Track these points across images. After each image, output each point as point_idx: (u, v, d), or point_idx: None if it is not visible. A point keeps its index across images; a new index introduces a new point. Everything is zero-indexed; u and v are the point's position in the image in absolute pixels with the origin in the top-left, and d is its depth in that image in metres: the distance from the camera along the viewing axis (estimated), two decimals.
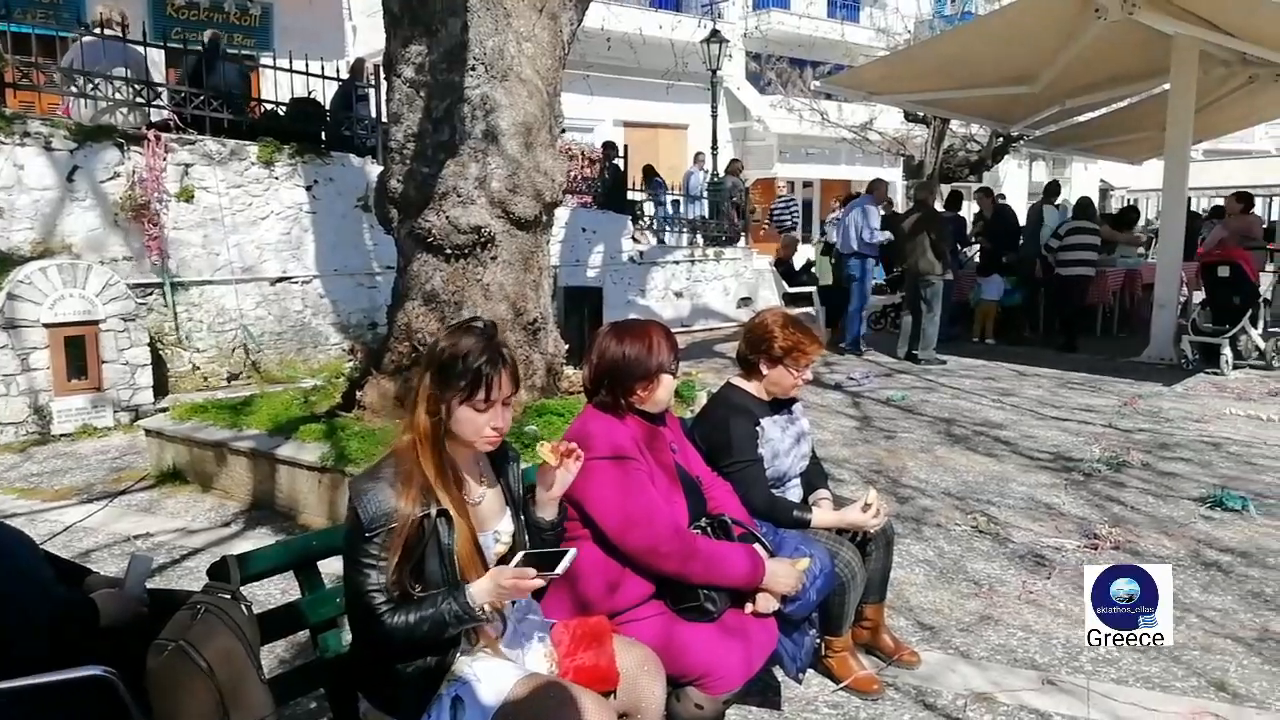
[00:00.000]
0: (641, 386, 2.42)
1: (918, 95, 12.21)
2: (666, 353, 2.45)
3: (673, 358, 2.47)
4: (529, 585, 1.92)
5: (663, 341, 2.46)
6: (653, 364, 2.42)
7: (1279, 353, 9.22)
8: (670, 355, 2.46)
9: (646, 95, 19.41)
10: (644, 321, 2.57)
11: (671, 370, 2.47)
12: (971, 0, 20.24)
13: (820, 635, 2.94)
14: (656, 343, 2.44)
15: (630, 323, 2.57)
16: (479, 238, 4.86)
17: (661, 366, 2.43)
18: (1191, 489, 5.18)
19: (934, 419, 7.01)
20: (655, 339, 2.45)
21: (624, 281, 11.90)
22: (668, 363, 2.45)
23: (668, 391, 2.48)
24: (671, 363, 2.46)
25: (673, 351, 2.48)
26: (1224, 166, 23.72)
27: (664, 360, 2.44)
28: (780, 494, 3.01)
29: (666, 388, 2.47)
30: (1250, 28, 9.10)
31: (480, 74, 4.88)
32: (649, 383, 2.43)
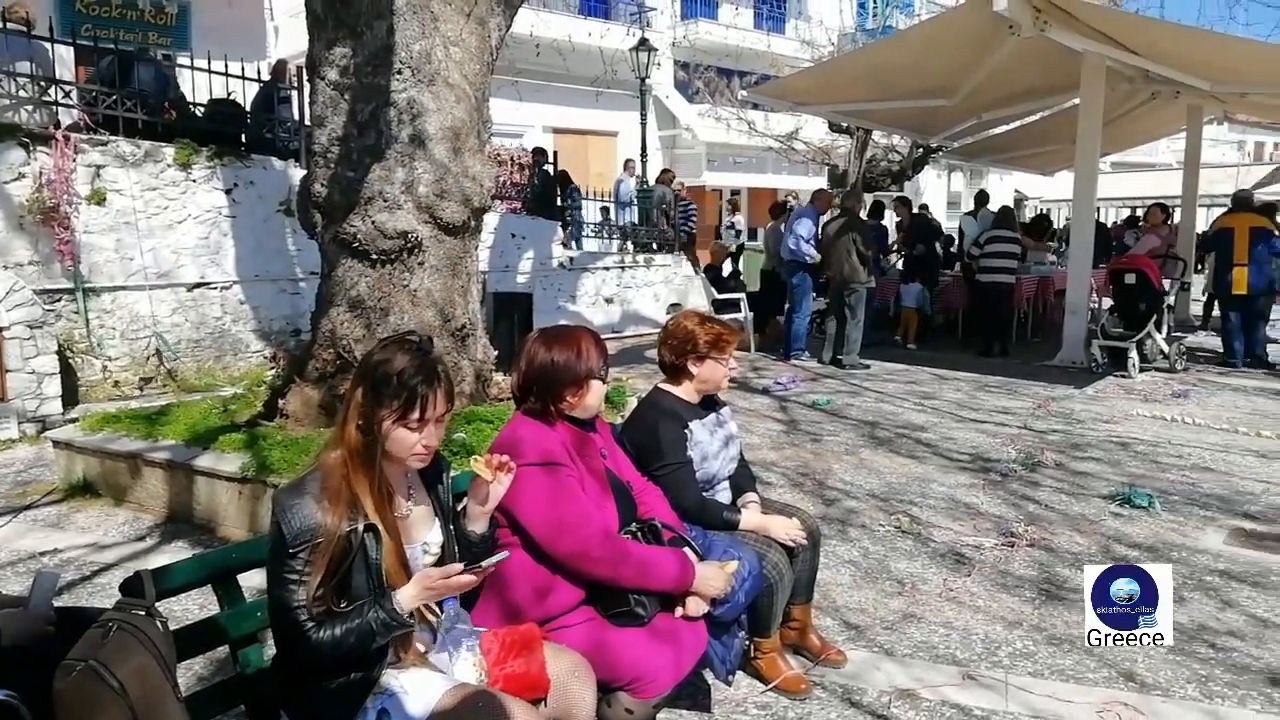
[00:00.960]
0: (571, 393, 2.42)
1: (841, 106, 12.48)
2: (596, 359, 2.46)
3: (602, 364, 2.48)
4: (457, 583, 1.90)
5: (592, 348, 2.46)
6: (582, 370, 2.42)
7: (1182, 356, 9.67)
8: (600, 361, 2.47)
9: (576, 102, 19.44)
10: (573, 328, 2.58)
11: (601, 376, 2.47)
12: (893, 14, 20.78)
13: (749, 637, 2.98)
14: (586, 349, 2.44)
15: (560, 329, 2.57)
16: (406, 243, 4.80)
17: (591, 372, 2.44)
18: (1102, 487, 5.39)
19: (858, 422, 7.16)
20: (585, 345, 2.45)
21: (554, 287, 11.87)
22: (597, 369, 2.45)
23: (597, 397, 2.49)
24: (601, 369, 2.47)
25: (602, 357, 2.49)
26: (1130, 179, 24.81)
27: (594, 366, 2.44)
28: (710, 496, 3.05)
29: (596, 394, 2.47)
30: (1151, 47, 9.55)
31: (407, 78, 4.82)
32: (579, 389, 2.43)
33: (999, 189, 31.44)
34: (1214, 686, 3.13)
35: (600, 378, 2.47)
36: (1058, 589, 3.95)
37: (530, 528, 2.29)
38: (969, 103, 11.69)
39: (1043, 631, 3.54)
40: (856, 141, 15.42)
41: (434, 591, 1.91)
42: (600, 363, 2.46)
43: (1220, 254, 9.85)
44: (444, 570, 1.91)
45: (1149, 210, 11.91)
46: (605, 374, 2.49)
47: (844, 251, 9.57)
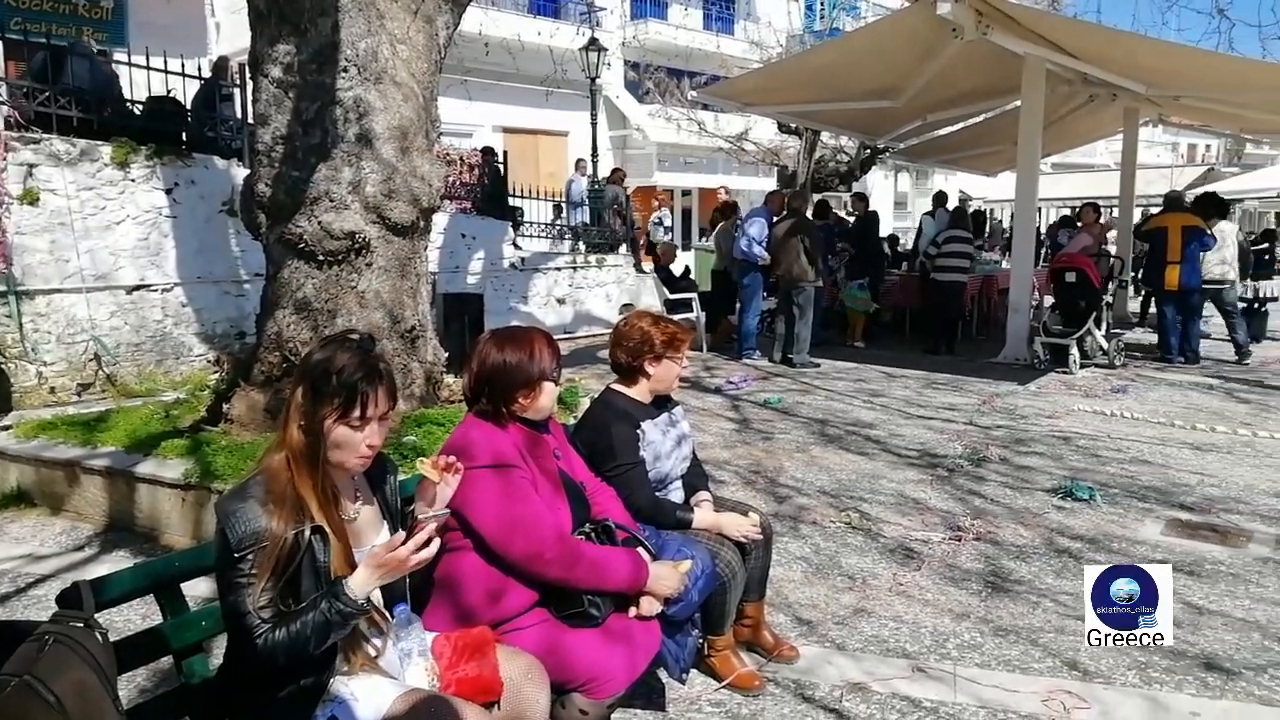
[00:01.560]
0: (523, 394, 2.41)
1: (789, 107, 12.61)
2: (549, 360, 2.45)
3: (555, 365, 2.47)
4: (409, 557, 1.87)
5: (544, 349, 2.45)
6: (534, 371, 2.41)
7: (1120, 352, 9.94)
8: (552, 362, 2.46)
9: (526, 101, 19.34)
10: (525, 329, 2.56)
11: (554, 378, 2.46)
12: (839, 17, 21.04)
13: (703, 635, 3.00)
14: (538, 350, 2.43)
15: (512, 330, 2.55)
16: (353, 244, 4.73)
17: (543, 374, 2.43)
18: (1045, 481, 5.52)
19: (809, 420, 7.23)
20: (537, 346, 2.44)
21: (505, 288, 11.80)
22: (550, 370, 2.45)
23: (550, 399, 2.48)
24: (554, 370, 2.46)
25: (555, 359, 2.48)
26: (1070, 179, 25.41)
27: (546, 368, 2.43)
28: (663, 496, 3.05)
29: (549, 395, 2.46)
30: (1089, 51, 9.81)
31: (353, 76, 4.75)
32: (531, 390, 2.42)
33: (944, 189, 32.04)
34: (1153, 673, 3.22)
35: (553, 379, 2.46)
36: (1003, 581, 4.04)
37: (483, 530, 2.27)
38: (914, 104, 11.89)
39: (989, 623, 3.62)
40: (805, 142, 15.60)
41: (385, 568, 1.87)
42: (552, 364, 2.45)
43: (1155, 252, 10.14)
44: (389, 543, 1.88)
45: (1082, 209, 12.23)
46: (558, 376, 2.48)
47: (793, 252, 9.66)
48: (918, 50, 9.95)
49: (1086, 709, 2.97)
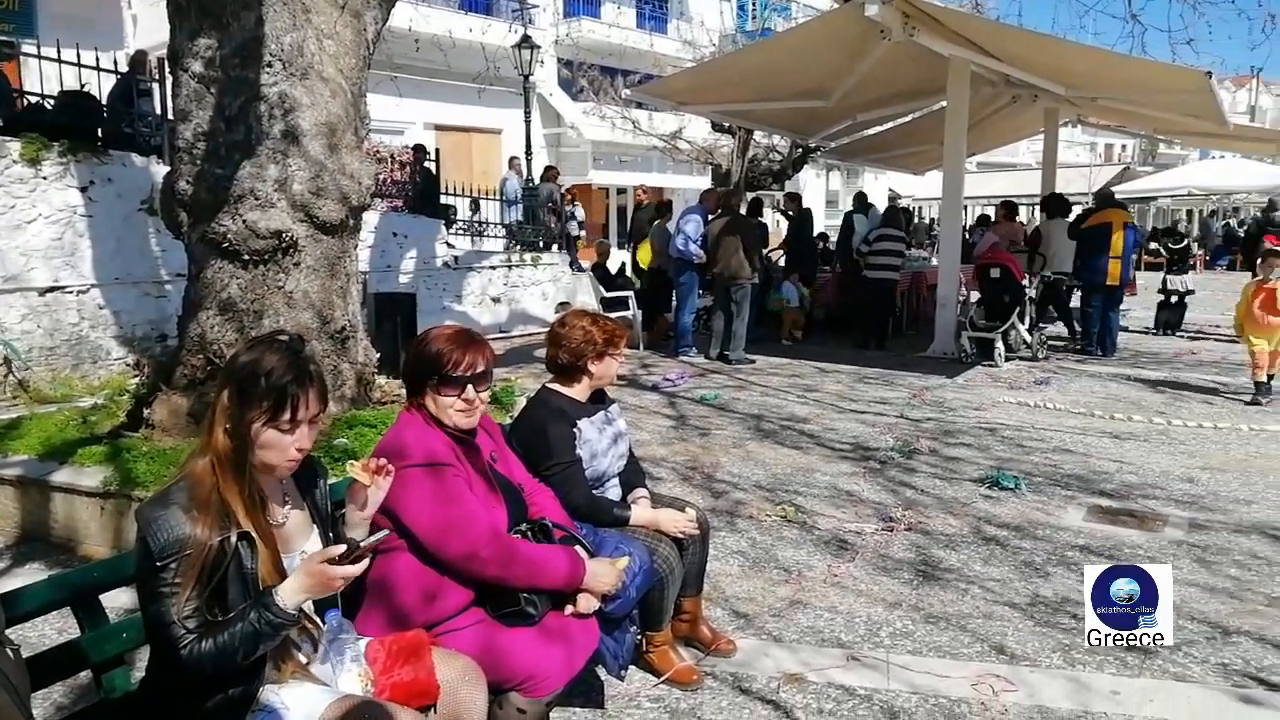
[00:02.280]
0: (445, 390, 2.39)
1: (722, 106, 12.70)
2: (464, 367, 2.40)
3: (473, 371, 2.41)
4: (341, 571, 1.83)
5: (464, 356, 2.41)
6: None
7: (1043, 345, 10.25)
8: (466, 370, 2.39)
9: (458, 99, 19.12)
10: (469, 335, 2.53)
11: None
12: (771, 17, 21.28)
13: (641, 631, 3.00)
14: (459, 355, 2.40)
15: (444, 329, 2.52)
16: (280, 243, 4.62)
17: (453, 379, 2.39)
18: (972, 471, 5.67)
19: (745, 416, 7.30)
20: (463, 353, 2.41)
21: (439, 287, 11.65)
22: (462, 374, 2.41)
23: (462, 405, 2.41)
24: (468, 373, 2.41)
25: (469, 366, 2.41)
26: (994, 178, 26.16)
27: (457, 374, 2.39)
28: (600, 493, 3.05)
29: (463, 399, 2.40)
30: (1010, 53, 10.08)
31: (278, 71, 4.64)
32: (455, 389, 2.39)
33: (874, 188, 32.62)
34: (1075, 654, 3.33)
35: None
36: (934, 570, 4.13)
37: (417, 530, 2.24)
38: (844, 104, 12.09)
39: (920, 611, 3.70)
40: (738, 141, 15.73)
41: (315, 580, 1.83)
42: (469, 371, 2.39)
43: (1097, 247, 10.39)
44: (324, 552, 1.84)
45: (996, 208, 12.60)
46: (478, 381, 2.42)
47: (729, 249, 9.73)
48: (847, 51, 10.11)
49: (1014, 691, 3.05)
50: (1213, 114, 11.13)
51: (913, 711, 2.94)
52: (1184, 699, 3.03)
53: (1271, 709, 2.96)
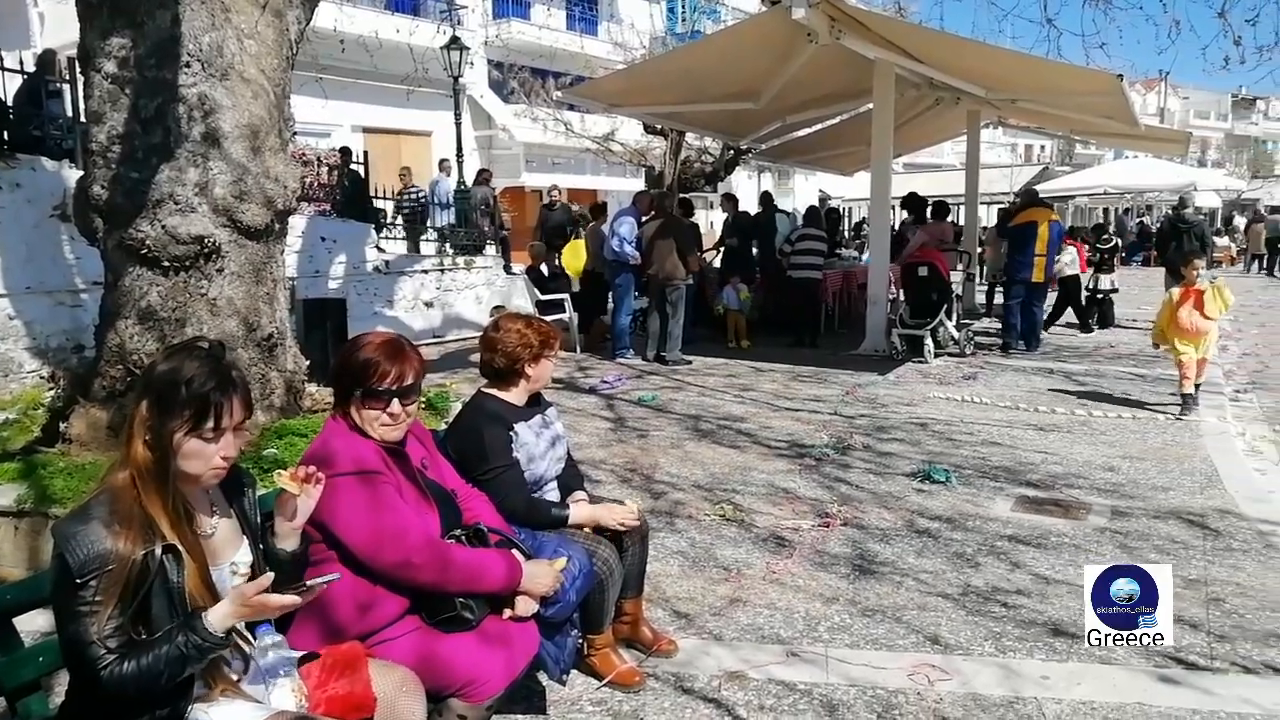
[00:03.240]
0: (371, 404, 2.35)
1: (654, 108, 12.75)
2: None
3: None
4: (277, 602, 1.79)
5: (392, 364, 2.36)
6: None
7: (970, 341, 10.52)
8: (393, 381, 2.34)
9: (387, 100, 18.82)
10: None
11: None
12: (700, 20, 21.45)
13: (582, 634, 2.99)
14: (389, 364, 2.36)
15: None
16: (202, 248, 4.48)
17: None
18: (905, 466, 5.78)
19: (683, 416, 7.33)
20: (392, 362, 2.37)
21: (369, 292, 11.43)
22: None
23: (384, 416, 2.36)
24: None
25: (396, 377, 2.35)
26: (920, 178, 26.74)
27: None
28: (538, 497, 3.03)
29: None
30: (933, 56, 10.33)
31: (196, 72, 4.50)
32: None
33: (804, 189, 33.13)
34: (1006, 642, 3.42)
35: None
36: (869, 563, 4.20)
37: (349, 541, 2.20)
38: (774, 106, 12.23)
39: (857, 604, 3.76)
40: (671, 143, 15.80)
41: (250, 609, 1.79)
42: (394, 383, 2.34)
43: (1025, 245, 10.68)
44: (258, 583, 1.80)
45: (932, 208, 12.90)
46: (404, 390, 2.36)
47: (664, 251, 9.77)
48: (776, 53, 10.23)
49: (948, 679, 3.12)
50: (1125, 115, 11.57)
51: (851, 704, 2.98)
52: (1109, 681, 3.13)
53: (1189, 687, 3.08)
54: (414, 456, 2.48)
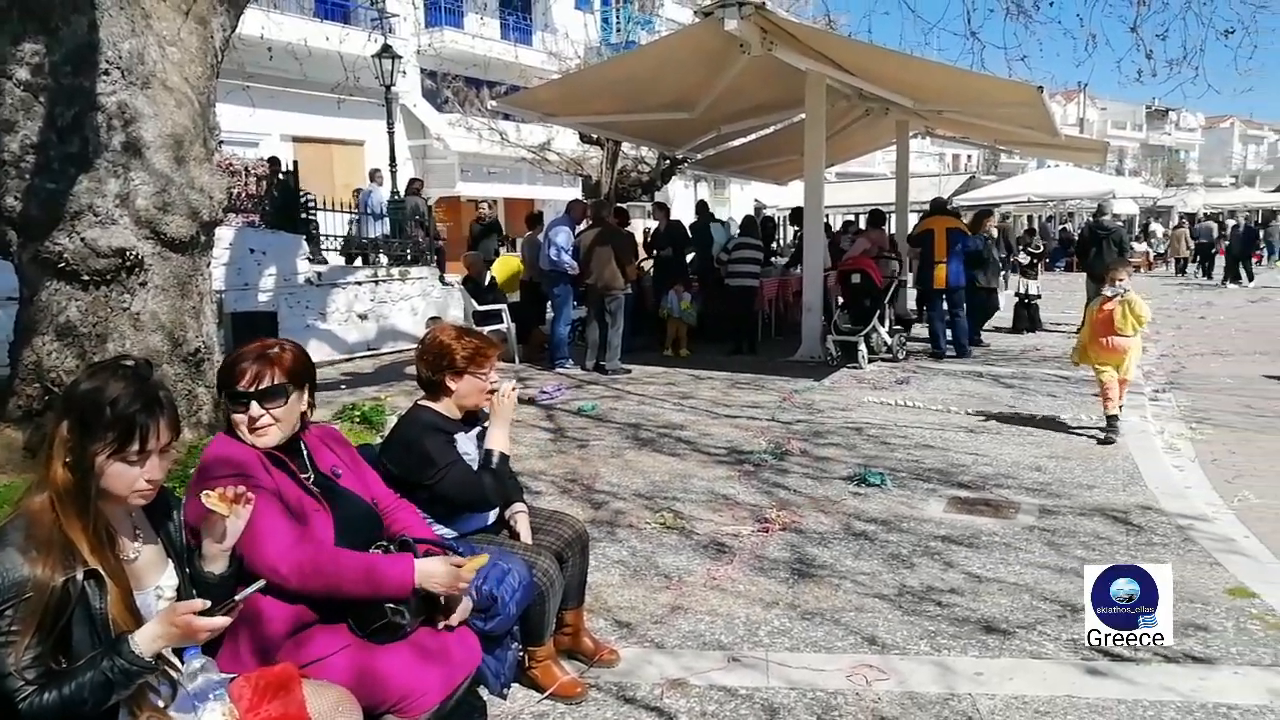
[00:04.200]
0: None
1: (589, 118, 12.77)
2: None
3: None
4: (206, 624, 1.74)
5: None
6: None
7: (903, 347, 10.74)
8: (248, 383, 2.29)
9: (317, 109, 18.50)
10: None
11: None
12: (635, 30, 21.57)
13: (522, 647, 2.97)
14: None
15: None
16: (124, 261, 4.35)
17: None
18: (841, 470, 5.87)
19: (623, 425, 7.34)
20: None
21: (301, 305, 11.20)
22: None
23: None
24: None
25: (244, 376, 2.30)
26: (853, 187, 27.26)
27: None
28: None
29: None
30: (862, 67, 10.56)
31: (116, 79, 4.37)
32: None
33: (740, 198, 33.51)
34: (941, 640, 3.50)
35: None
36: (808, 567, 4.25)
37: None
38: (709, 116, 12.36)
39: (797, 608, 3.80)
40: (607, 153, 15.85)
41: (179, 631, 1.73)
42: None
43: (924, 253, 11.02)
44: (188, 604, 1.75)
45: (868, 217, 13.19)
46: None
47: (602, 260, 9.78)
48: (710, 64, 10.34)
49: (885, 679, 3.17)
50: (1046, 125, 11.97)
51: (791, 706, 3.01)
52: (1039, 675, 3.21)
53: (1114, 678, 3.18)
54: (324, 463, 2.44)
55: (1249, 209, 38.27)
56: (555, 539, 3.15)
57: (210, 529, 1.97)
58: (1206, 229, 25.73)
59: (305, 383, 2.38)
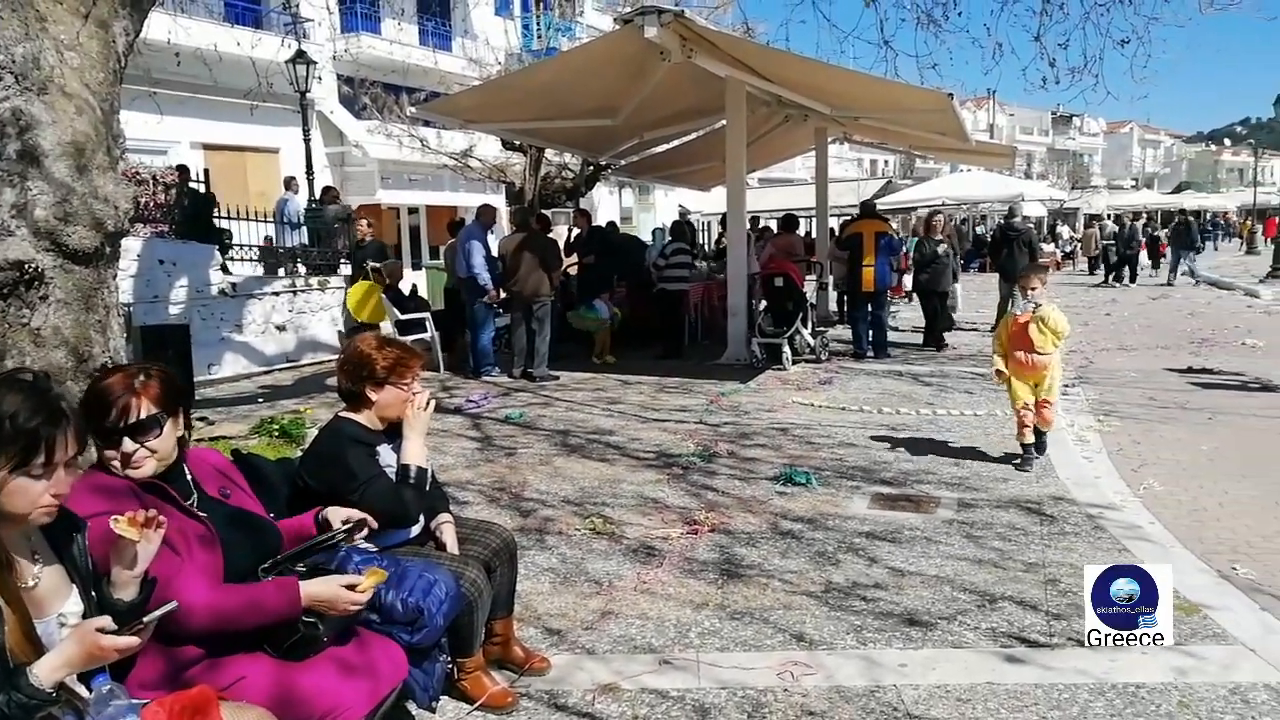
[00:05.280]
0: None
1: (511, 124, 12.70)
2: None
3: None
4: (115, 644, 1.67)
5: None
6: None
7: (825, 348, 10.95)
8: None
9: (229, 116, 17.97)
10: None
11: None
12: (556, 37, 21.52)
13: (451, 659, 2.93)
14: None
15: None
16: (23, 275, 4.13)
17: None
18: (768, 470, 5.95)
19: (551, 432, 7.31)
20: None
21: (215, 317, 10.86)
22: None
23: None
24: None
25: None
26: (774, 193, 27.67)
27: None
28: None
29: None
30: (780, 75, 10.74)
31: (9, 85, 4.16)
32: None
33: (665, 204, 33.69)
34: (867, 634, 3.57)
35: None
36: (736, 567, 4.30)
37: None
38: (631, 122, 12.40)
39: (726, 609, 3.84)
40: (530, 159, 15.77)
41: (84, 653, 1.66)
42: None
43: (852, 255, 11.24)
44: (94, 621, 1.68)
45: (780, 221, 13.44)
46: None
47: (528, 267, 9.73)
48: (631, 71, 10.39)
49: (813, 674, 3.23)
50: (957, 131, 12.35)
51: (722, 706, 3.03)
52: (961, 664, 3.31)
53: (1032, 665, 3.29)
54: (211, 485, 2.35)
55: (1149, 210, 40.11)
56: (483, 548, 3.12)
57: (120, 555, 1.89)
58: (1133, 230, 26.86)
59: (179, 407, 2.26)
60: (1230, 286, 21.01)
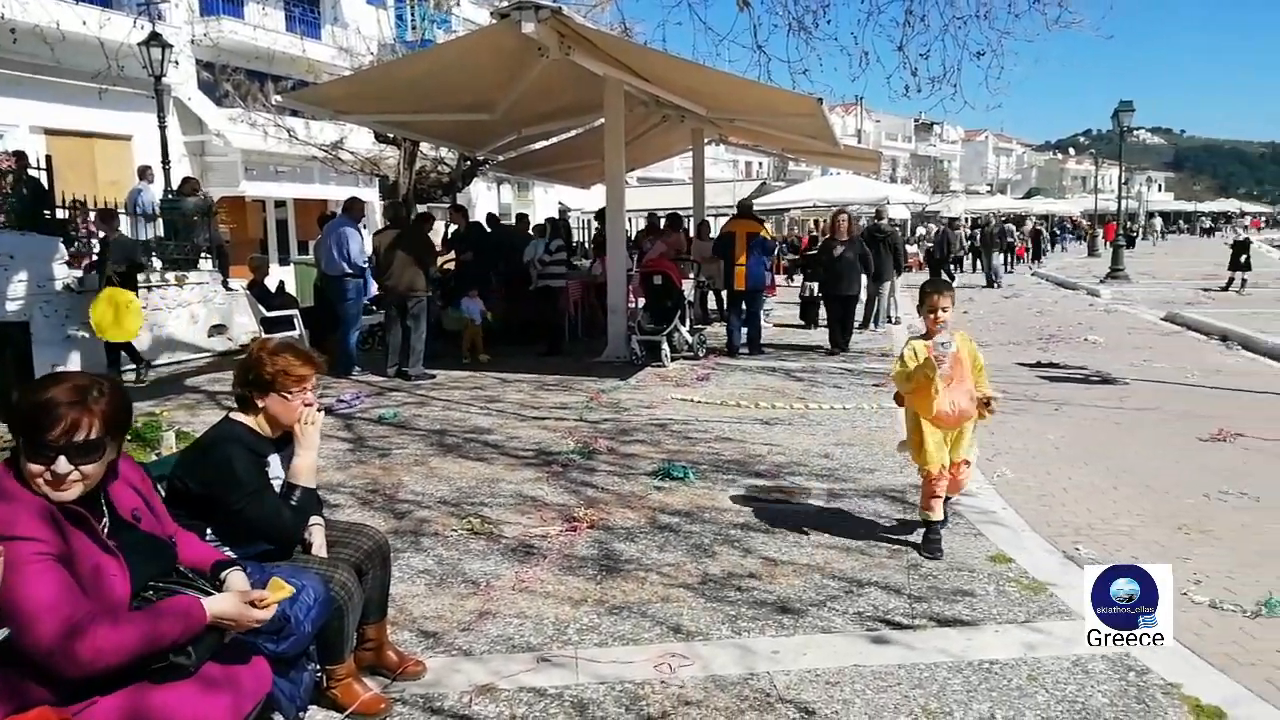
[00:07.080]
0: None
1: (385, 116, 12.37)
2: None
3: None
4: None
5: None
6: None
7: (702, 345, 11.13)
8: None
9: (74, 99, 16.81)
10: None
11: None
12: (431, 29, 21.09)
13: (320, 666, 2.83)
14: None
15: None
16: None
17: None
18: (647, 466, 6.01)
19: (427, 432, 7.16)
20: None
21: (60, 314, 10.11)
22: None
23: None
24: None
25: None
26: (653, 192, 27.96)
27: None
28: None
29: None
30: (657, 75, 10.85)
31: None
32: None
33: (545, 200, 33.56)
34: (741, 623, 3.65)
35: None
36: (615, 562, 4.32)
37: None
38: (509, 118, 12.28)
39: (604, 604, 3.85)
40: (404, 153, 15.38)
41: None
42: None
43: (726, 255, 11.47)
44: None
45: (666, 219, 13.61)
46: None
47: (403, 262, 9.49)
48: (508, 66, 10.27)
49: (690, 665, 3.28)
50: (826, 135, 12.79)
51: (601, 701, 3.04)
52: (830, 649, 3.42)
53: (897, 645, 3.44)
54: (124, 507, 2.21)
55: (1000, 214, 42.52)
56: (354, 551, 3.03)
57: None
58: (1033, 230, 28.57)
59: (121, 432, 2.11)
60: (1075, 286, 22.58)
